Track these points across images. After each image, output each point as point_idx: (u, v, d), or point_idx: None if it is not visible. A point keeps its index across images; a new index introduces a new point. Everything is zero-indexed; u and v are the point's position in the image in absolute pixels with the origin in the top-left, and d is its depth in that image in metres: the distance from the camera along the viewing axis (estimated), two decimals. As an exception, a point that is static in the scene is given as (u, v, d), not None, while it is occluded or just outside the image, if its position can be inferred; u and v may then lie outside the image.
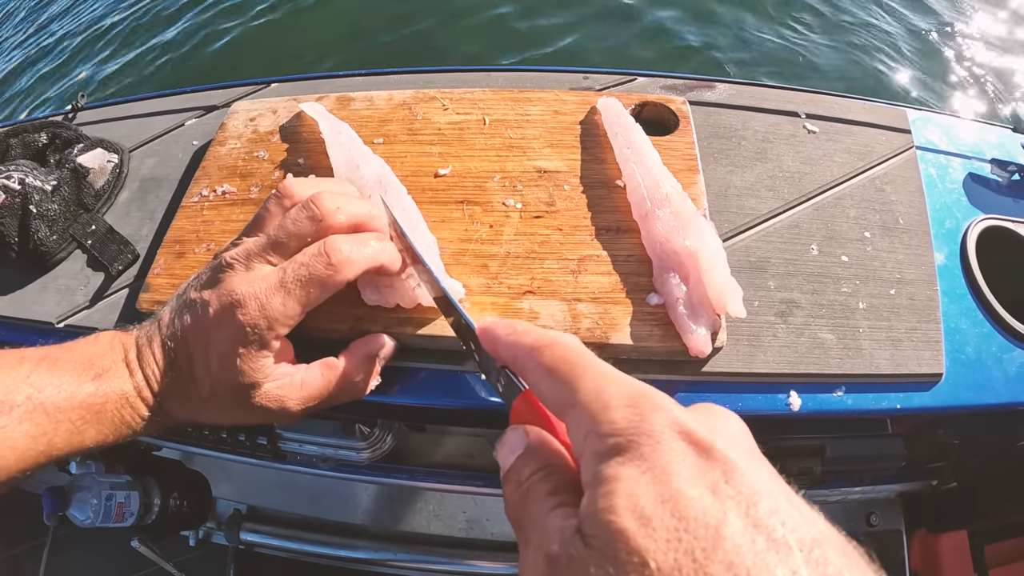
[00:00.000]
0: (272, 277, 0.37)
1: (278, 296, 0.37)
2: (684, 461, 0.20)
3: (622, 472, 0.20)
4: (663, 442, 0.21)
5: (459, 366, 0.45)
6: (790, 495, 0.20)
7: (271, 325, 0.37)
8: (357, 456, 0.61)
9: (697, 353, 0.41)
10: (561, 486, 0.24)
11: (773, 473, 0.21)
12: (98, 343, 0.40)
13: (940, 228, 0.54)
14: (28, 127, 0.65)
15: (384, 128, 0.54)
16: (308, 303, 0.38)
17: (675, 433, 0.21)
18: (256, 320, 0.36)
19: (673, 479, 0.20)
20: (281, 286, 0.37)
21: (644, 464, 0.20)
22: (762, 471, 0.21)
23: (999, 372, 0.49)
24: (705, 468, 0.20)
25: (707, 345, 0.41)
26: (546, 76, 0.61)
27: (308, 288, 0.37)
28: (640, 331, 0.42)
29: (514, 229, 0.48)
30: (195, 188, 0.54)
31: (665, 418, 0.22)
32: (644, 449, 0.21)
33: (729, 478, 0.20)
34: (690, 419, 0.22)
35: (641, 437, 0.21)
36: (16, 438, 0.35)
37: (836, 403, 0.45)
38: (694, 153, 0.51)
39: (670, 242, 0.43)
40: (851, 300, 0.48)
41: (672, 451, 0.21)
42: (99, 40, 3.15)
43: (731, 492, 0.19)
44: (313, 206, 0.38)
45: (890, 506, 0.72)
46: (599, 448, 0.22)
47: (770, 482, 0.20)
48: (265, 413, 0.40)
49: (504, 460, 0.27)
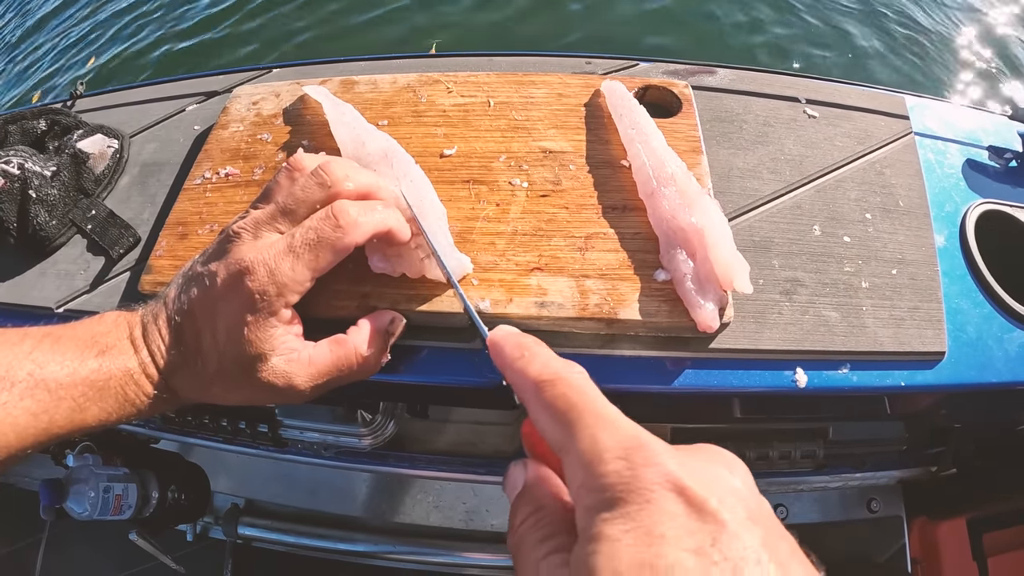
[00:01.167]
0: (280, 243, 0.37)
1: (287, 261, 0.37)
2: (672, 521, 0.20)
3: (606, 531, 0.20)
4: (652, 501, 0.20)
5: (466, 343, 0.45)
6: (785, 561, 0.19)
7: (280, 291, 0.37)
8: (358, 443, 0.61)
9: (705, 328, 0.41)
10: (553, 531, 0.24)
11: (770, 535, 0.20)
12: (102, 321, 0.40)
13: (940, 211, 0.55)
14: (27, 114, 0.65)
15: (389, 110, 0.55)
16: (318, 268, 0.37)
17: (668, 490, 0.20)
18: (265, 286, 0.36)
19: (656, 541, 0.19)
20: (290, 250, 0.37)
21: (630, 523, 0.20)
22: (754, 533, 0.20)
23: (1000, 352, 0.49)
24: (694, 528, 0.20)
25: (715, 320, 0.41)
26: (548, 60, 0.61)
27: (317, 252, 0.37)
28: (648, 307, 0.42)
29: (521, 208, 0.48)
30: (198, 171, 0.53)
31: (657, 473, 0.21)
32: (631, 507, 0.20)
33: (717, 540, 0.19)
34: (686, 473, 0.21)
35: (630, 494, 0.21)
36: (17, 415, 0.35)
37: (841, 380, 0.45)
38: (697, 135, 0.51)
39: (676, 219, 0.43)
40: (854, 279, 0.48)
41: (660, 510, 0.20)
42: (97, 29, 3.15)
43: (716, 557, 0.19)
44: (322, 173, 0.38)
45: (890, 492, 0.73)
46: (589, 502, 0.21)
47: (761, 548, 0.19)
48: (272, 391, 0.39)
49: (508, 496, 0.27)
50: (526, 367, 0.28)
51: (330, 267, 0.38)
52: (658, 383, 0.44)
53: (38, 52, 3.26)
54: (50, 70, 3.09)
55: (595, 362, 0.44)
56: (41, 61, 3.21)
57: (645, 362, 0.44)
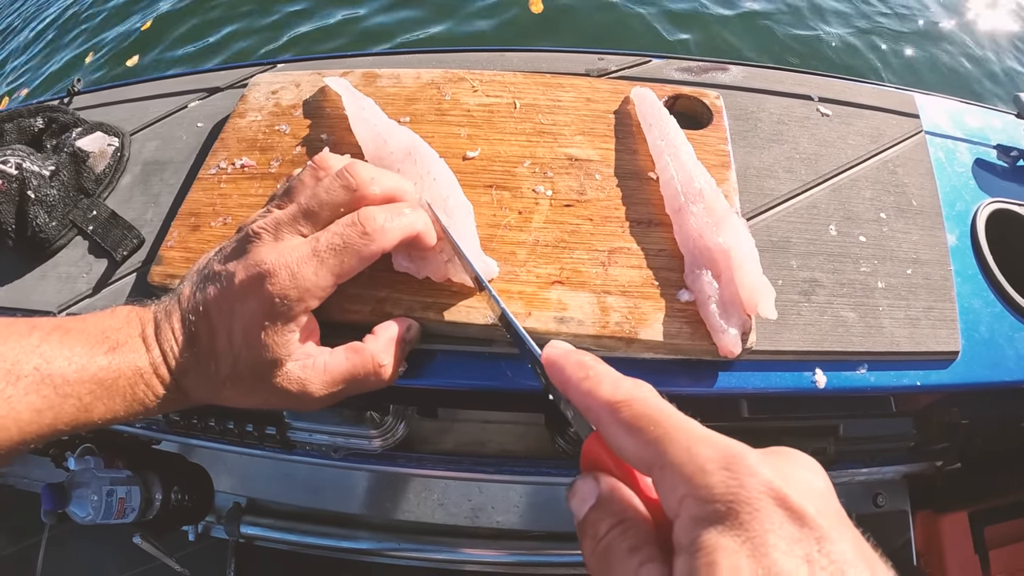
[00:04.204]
0: (304, 247, 0.36)
1: (310, 265, 0.36)
2: (780, 531, 0.21)
3: (722, 542, 0.21)
4: (760, 510, 0.21)
5: (483, 347, 0.44)
6: (873, 562, 0.21)
7: (301, 296, 0.36)
8: (368, 444, 0.60)
9: (727, 353, 0.40)
10: (641, 541, 0.24)
11: (857, 537, 0.22)
12: (114, 316, 0.39)
13: (951, 210, 0.55)
14: (23, 112, 0.63)
15: (411, 107, 0.53)
16: (341, 274, 0.37)
17: (771, 499, 0.21)
18: (286, 291, 0.35)
19: (771, 551, 0.20)
20: (314, 255, 0.36)
21: (744, 534, 0.21)
22: (848, 537, 0.21)
23: (1011, 351, 0.49)
24: (799, 537, 0.21)
25: (737, 346, 0.40)
26: (560, 57, 0.61)
27: (342, 257, 0.36)
28: (670, 328, 0.42)
29: (543, 217, 0.47)
30: (213, 160, 0.52)
31: (760, 483, 0.22)
32: (743, 517, 0.21)
33: (822, 547, 0.20)
34: (783, 481, 0.22)
35: (740, 505, 0.21)
36: (20, 410, 0.33)
37: (859, 380, 0.45)
38: (727, 149, 0.51)
39: (703, 238, 0.42)
40: (870, 279, 0.48)
41: (769, 520, 0.21)
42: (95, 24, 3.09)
43: (824, 563, 0.20)
44: (348, 175, 0.38)
45: (896, 487, 0.73)
46: (697, 513, 0.22)
47: (855, 551, 0.21)
48: (286, 396, 0.38)
49: (577, 510, 0.27)
50: (595, 389, 0.28)
51: (354, 273, 0.37)
52: (679, 386, 0.44)
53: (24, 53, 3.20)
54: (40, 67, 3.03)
55: (612, 363, 0.44)
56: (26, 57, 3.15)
57: (664, 365, 0.44)
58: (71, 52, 2.95)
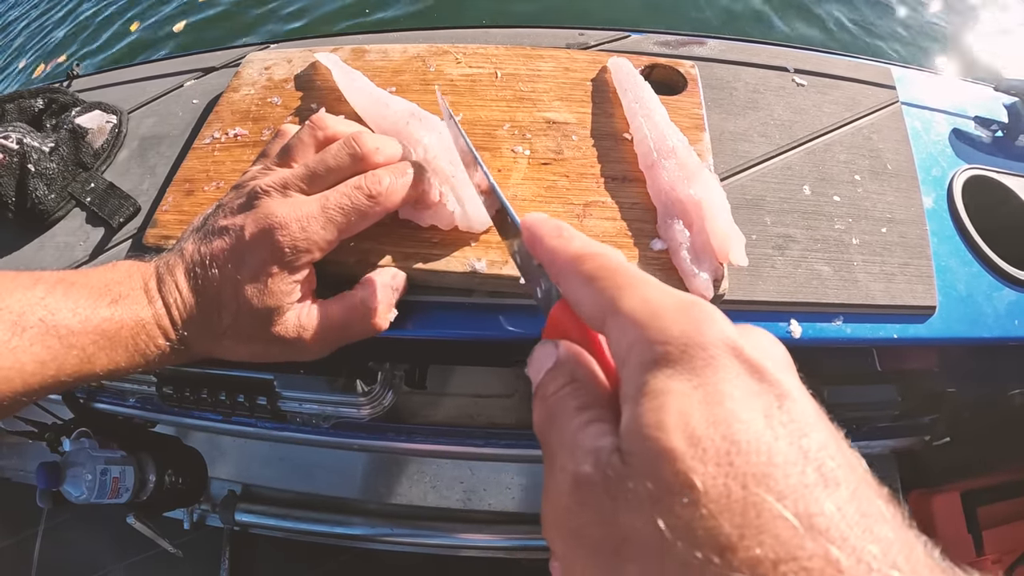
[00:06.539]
0: (314, 204, 0.38)
1: (319, 221, 0.38)
2: (737, 382, 0.19)
3: (672, 386, 0.19)
4: (717, 357, 0.19)
5: (464, 298, 0.46)
6: (833, 431, 0.19)
7: (308, 248, 0.38)
8: (357, 412, 0.61)
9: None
10: (592, 401, 0.22)
11: (817, 406, 0.20)
12: (116, 269, 0.40)
13: (927, 175, 0.56)
14: (24, 93, 0.65)
15: (397, 78, 0.55)
16: (346, 231, 0.39)
17: (728, 350, 0.19)
18: (296, 241, 0.38)
19: (726, 399, 0.18)
20: (323, 212, 0.38)
21: (696, 379, 0.19)
22: (810, 402, 0.20)
23: (989, 308, 0.50)
24: (758, 391, 0.19)
25: (709, 290, 0.41)
26: (543, 32, 0.63)
27: (349, 216, 0.39)
28: None
29: (522, 174, 0.48)
30: (207, 131, 0.54)
31: (719, 331, 0.20)
32: (697, 363, 0.19)
33: (782, 404, 0.19)
34: (741, 337, 0.20)
35: (694, 349, 0.19)
36: (25, 361, 0.35)
37: (835, 332, 0.46)
38: (701, 113, 0.52)
39: (675, 191, 0.44)
40: (845, 236, 0.49)
41: (725, 368, 0.19)
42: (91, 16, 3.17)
43: (784, 419, 0.18)
44: (355, 144, 0.40)
45: (885, 462, 0.73)
46: (647, 357, 0.20)
47: (817, 415, 0.19)
48: (283, 344, 0.40)
49: (534, 376, 0.25)
50: (566, 244, 0.26)
51: (357, 231, 0.40)
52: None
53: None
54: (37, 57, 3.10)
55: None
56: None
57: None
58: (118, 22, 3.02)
